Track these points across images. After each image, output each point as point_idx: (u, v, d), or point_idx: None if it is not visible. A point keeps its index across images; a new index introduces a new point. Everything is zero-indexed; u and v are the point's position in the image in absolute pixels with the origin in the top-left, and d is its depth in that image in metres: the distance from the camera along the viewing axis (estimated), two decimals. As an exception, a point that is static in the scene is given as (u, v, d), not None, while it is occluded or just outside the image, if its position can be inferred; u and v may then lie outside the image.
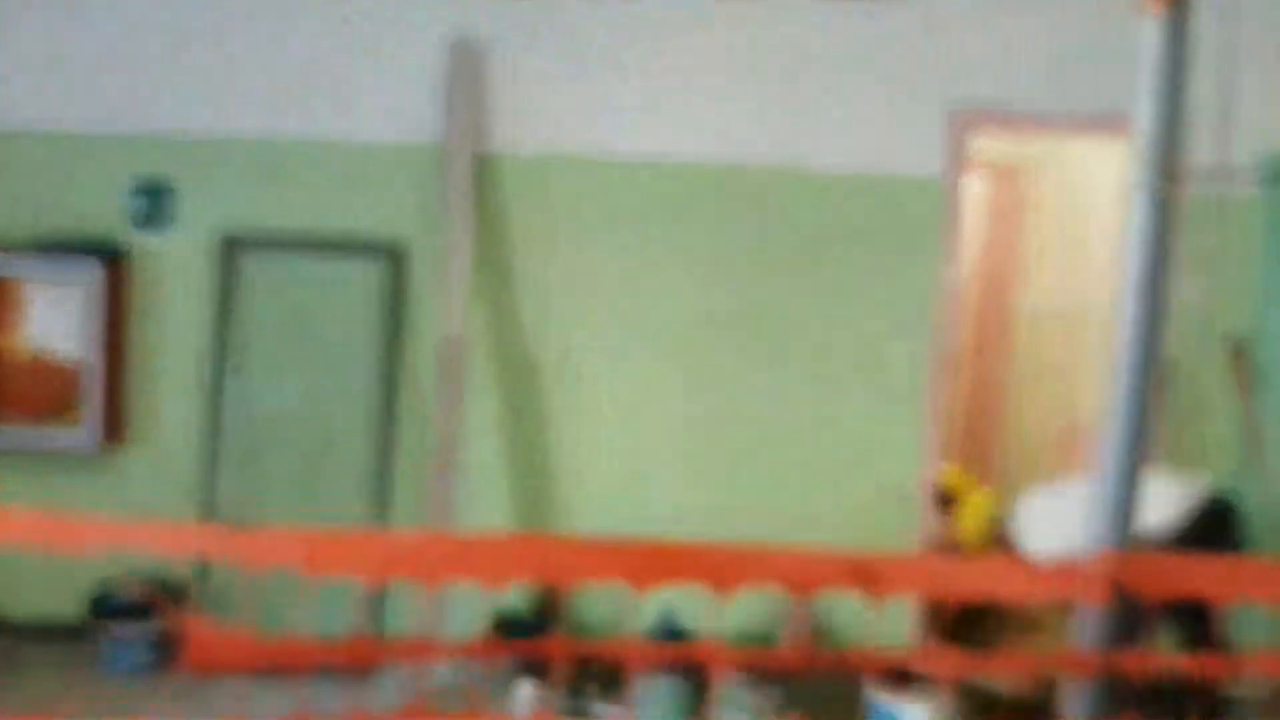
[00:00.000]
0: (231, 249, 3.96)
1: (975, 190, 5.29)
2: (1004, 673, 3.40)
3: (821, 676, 3.27)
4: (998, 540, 3.89)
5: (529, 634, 3.89)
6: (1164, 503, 3.20)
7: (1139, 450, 1.22)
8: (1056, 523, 3.43)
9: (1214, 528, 3.24)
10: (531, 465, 4.17)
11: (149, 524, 2.06)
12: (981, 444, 5.72)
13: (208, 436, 3.98)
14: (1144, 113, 1.14)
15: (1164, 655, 3.22)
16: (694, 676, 3.63)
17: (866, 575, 1.03)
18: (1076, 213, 5.24)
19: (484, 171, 4.01)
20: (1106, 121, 4.05)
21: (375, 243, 4.01)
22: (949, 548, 4.72)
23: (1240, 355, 4.05)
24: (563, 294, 4.11)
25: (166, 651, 3.81)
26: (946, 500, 4.56)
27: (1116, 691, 1.67)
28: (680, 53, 4.02)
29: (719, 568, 1.08)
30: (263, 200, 3.98)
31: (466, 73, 3.99)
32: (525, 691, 3.72)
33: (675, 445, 4.19)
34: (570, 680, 3.82)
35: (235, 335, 4.01)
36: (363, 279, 4.04)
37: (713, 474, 4.19)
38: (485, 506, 4.15)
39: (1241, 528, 3.36)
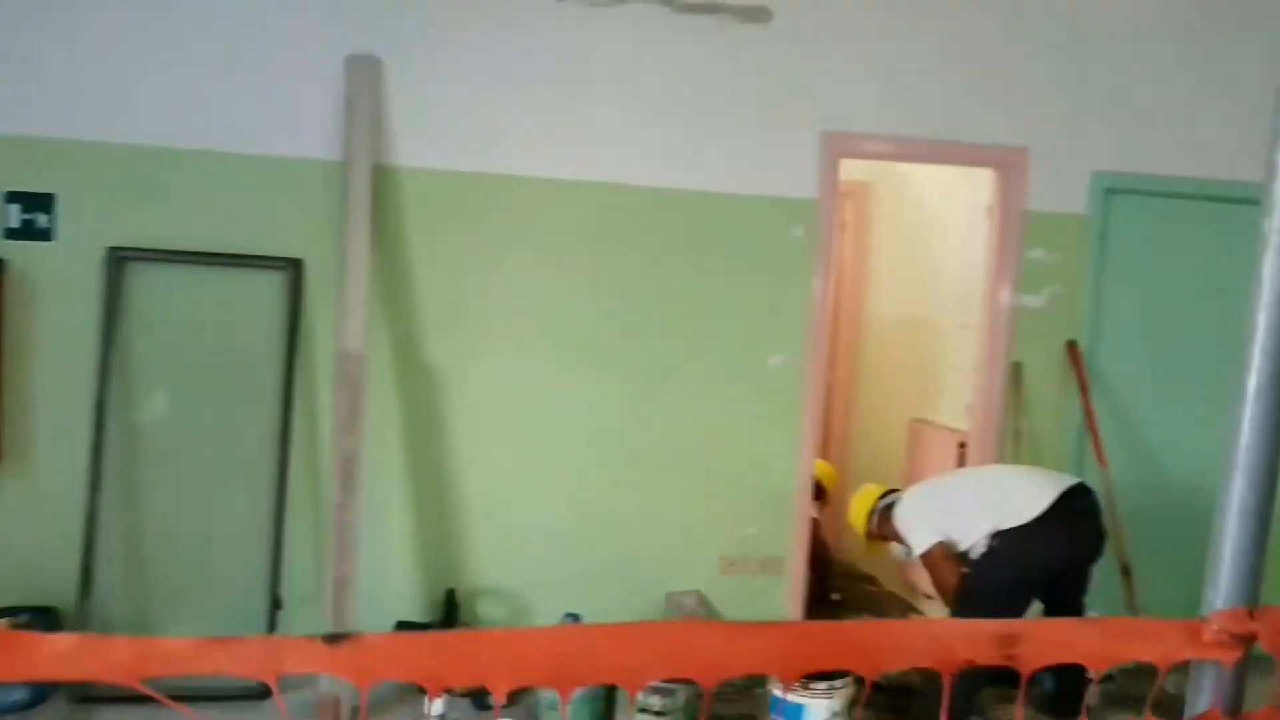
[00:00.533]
0: (119, 261, 3.79)
1: (851, 208, 5.67)
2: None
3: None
4: (871, 535, 4.20)
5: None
6: (1035, 495, 3.58)
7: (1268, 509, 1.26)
8: (935, 517, 3.78)
9: (1079, 513, 3.63)
10: (432, 475, 4.19)
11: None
12: (839, 439, 6.13)
13: (91, 458, 3.80)
14: None
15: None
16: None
17: (1010, 642, 1.07)
18: (917, 228, 5.69)
19: (383, 185, 4.01)
20: (954, 149, 4.49)
21: (272, 256, 3.94)
22: (822, 537, 5.05)
23: (1077, 356, 4.56)
24: (461, 307, 4.16)
25: (45, 688, 3.62)
26: (819, 492, 4.88)
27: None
28: (575, 75, 4.15)
29: (865, 646, 1.07)
30: (154, 212, 3.83)
31: (365, 86, 3.98)
32: (431, 699, 3.74)
33: (570, 452, 4.31)
34: (475, 688, 3.89)
35: (122, 352, 3.85)
36: (259, 293, 3.96)
37: (606, 479, 4.34)
38: (388, 518, 4.15)
39: (1101, 513, 3.77)
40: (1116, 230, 4.60)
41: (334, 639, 1.09)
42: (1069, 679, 3.82)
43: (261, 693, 3.53)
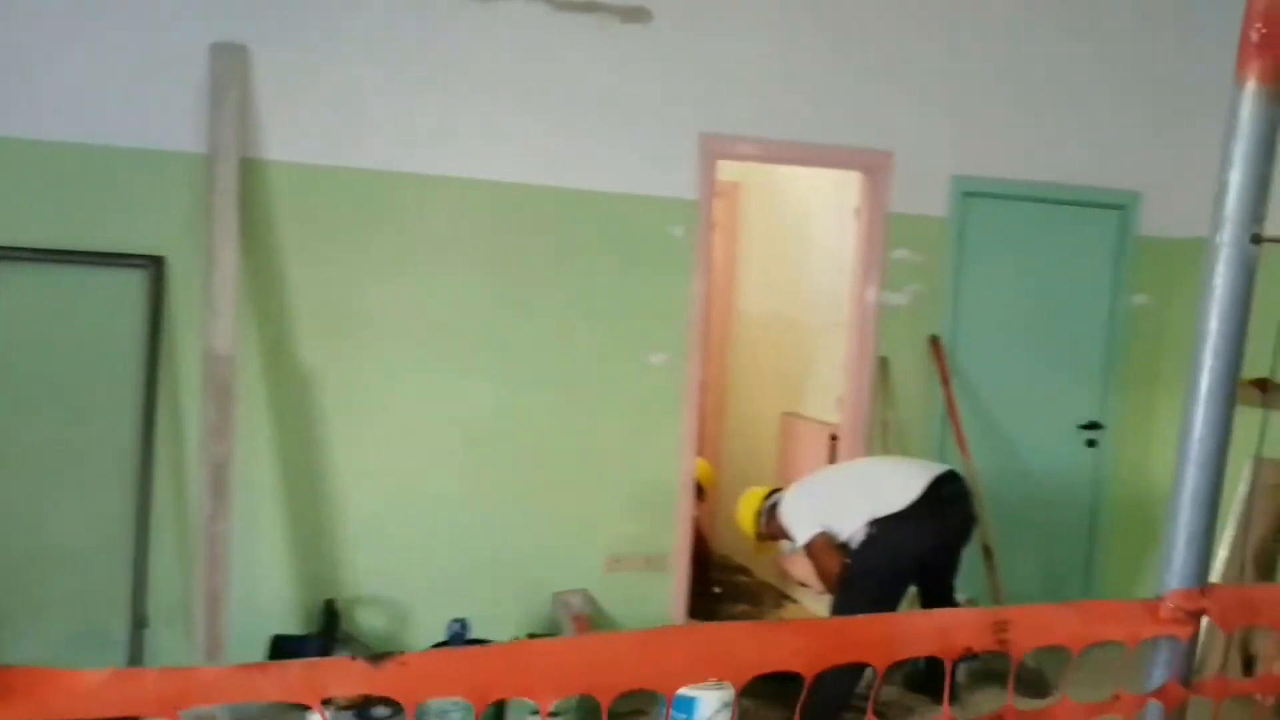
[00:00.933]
0: (-43, 260, 3.50)
1: (727, 207, 5.76)
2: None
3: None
4: (761, 535, 4.30)
5: (310, 654, 3.78)
6: (908, 483, 3.74)
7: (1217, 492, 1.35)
8: (816, 511, 3.90)
9: (949, 499, 3.81)
10: (307, 481, 4.04)
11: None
12: (712, 435, 6.24)
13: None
14: (1234, 178, 1.35)
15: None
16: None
17: (1002, 627, 1.15)
18: (787, 229, 5.86)
19: (252, 180, 3.84)
20: (825, 152, 4.64)
21: (132, 254, 3.71)
22: (702, 532, 5.13)
23: (939, 351, 4.78)
24: (336, 306, 4.03)
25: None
26: (699, 491, 4.96)
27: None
28: (453, 69, 4.07)
29: (882, 638, 1.12)
30: (2, 206, 3.55)
31: (231, 76, 3.80)
32: (311, 715, 3.62)
33: (451, 454, 4.23)
34: (359, 700, 3.78)
35: (-38, 357, 3.55)
36: (118, 293, 3.72)
37: (488, 480, 4.28)
38: (261, 528, 3.97)
39: (971, 498, 3.97)
40: (973, 231, 4.85)
41: (377, 659, 1.08)
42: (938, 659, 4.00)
43: None
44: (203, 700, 1.01)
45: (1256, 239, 1.45)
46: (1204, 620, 1.35)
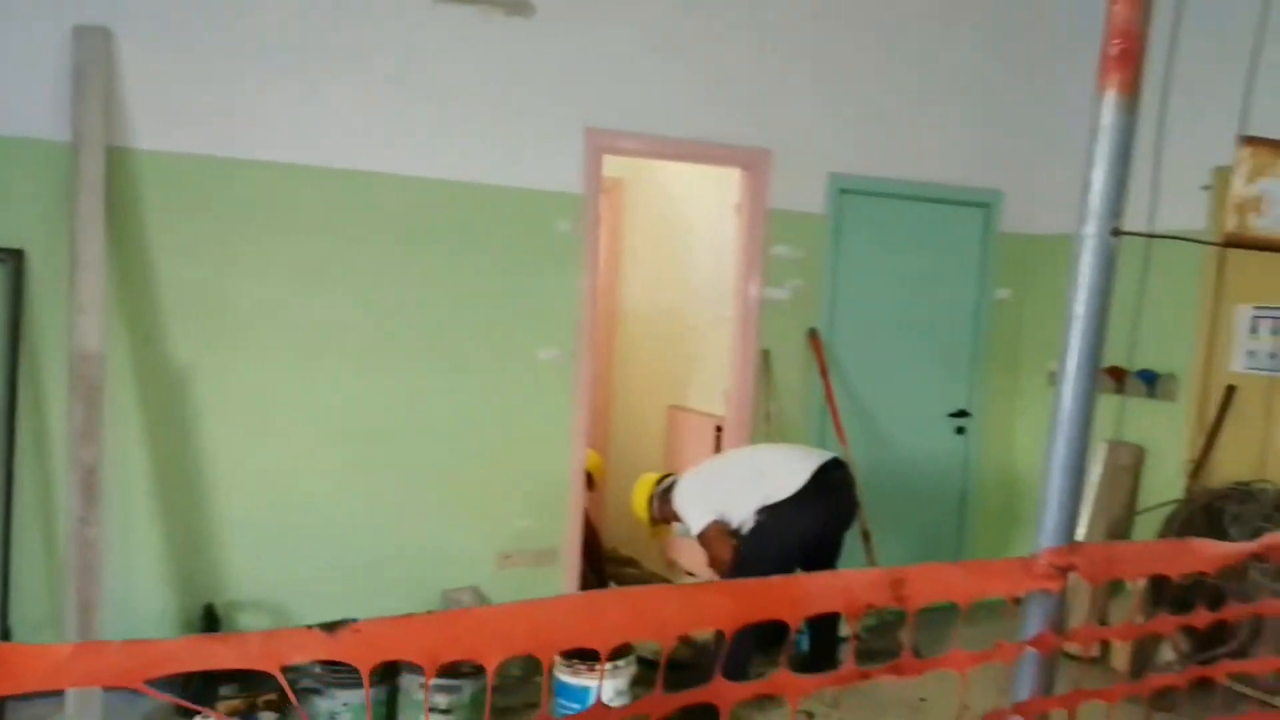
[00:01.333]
0: None
1: (613, 202, 5.79)
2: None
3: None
4: (654, 519, 4.38)
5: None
6: (795, 470, 3.87)
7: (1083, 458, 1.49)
8: (709, 499, 3.99)
9: (834, 485, 3.95)
10: (183, 483, 3.90)
11: None
12: (600, 427, 6.28)
13: None
14: (1097, 177, 1.48)
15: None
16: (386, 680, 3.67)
17: (899, 585, 1.24)
18: (670, 224, 5.94)
19: (118, 169, 3.68)
20: (707, 149, 4.74)
21: (-12, 246, 3.51)
22: (592, 525, 5.17)
23: (818, 343, 4.94)
24: (211, 301, 3.89)
25: None
26: (589, 481, 4.99)
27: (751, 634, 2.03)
28: (330, 57, 3.98)
29: (793, 597, 1.20)
30: None
31: (95, 60, 3.63)
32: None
33: (334, 451, 4.14)
34: (244, 705, 3.68)
35: None
36: (-27, 288, 3.52)
37: (374, 478, 4.20)
38: (134, 533, 3.81)
39: (854, 484, 4.13)
40: (849, 228, 5.03)
41: (331, 627, 1.10)
42: (821, 638, 4.17)
43: None
44: (164, 670, 1.05)
45: (1116, 232, 1.58)
46: (1071, 575, 1.48)
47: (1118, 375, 4.98)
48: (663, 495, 4.23)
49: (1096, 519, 4.69)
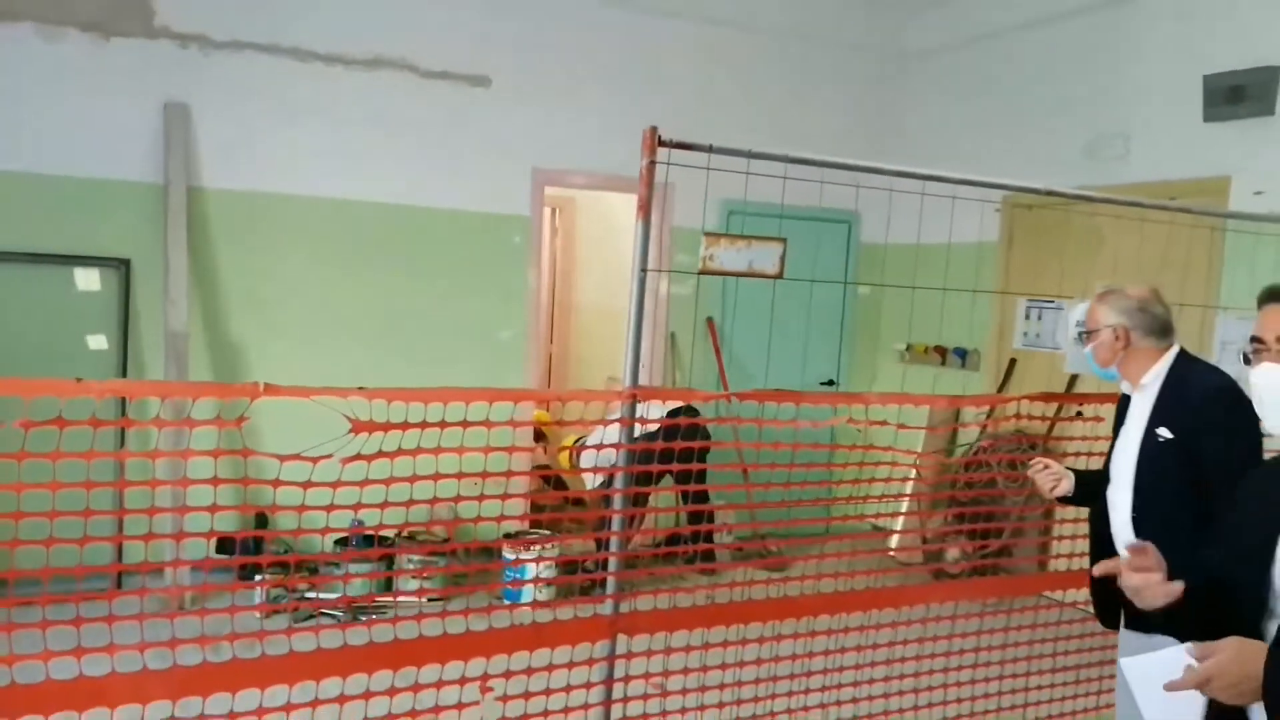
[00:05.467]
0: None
1: (548, 220, 7.36)
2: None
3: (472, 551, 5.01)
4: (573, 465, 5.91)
5: (245, 553, 5.17)
6: (654, 414, 5.39)
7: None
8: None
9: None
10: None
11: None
12: (557, 389, 7.84)
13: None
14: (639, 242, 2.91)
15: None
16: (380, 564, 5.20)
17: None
18: (608, 236, 7.49)
19: (194, 202, 5.22)
20: (626, 181, 6.26)
21: (108, 256, 5.05)
22: (542, 468, 6.70)
23: (713, 329, 6.48)
24: (260, 296, 5.43)
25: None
26: (539, 435, 6.53)
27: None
28: (345, 122, 5.53)
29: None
30: (6, 222, 4.86)
31: (178, 127, 5.17)
32: (253, 590, 5.03)
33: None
34: (281, 580, 5.20)
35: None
36: (98, 287, 5.06)
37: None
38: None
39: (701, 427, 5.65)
40: (738, 239, 6.57)
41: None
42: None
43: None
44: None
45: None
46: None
47: (941, 352, 6.56)
48: (578, 450, 5.76)
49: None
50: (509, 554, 5.06)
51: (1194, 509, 2.40)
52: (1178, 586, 1.72)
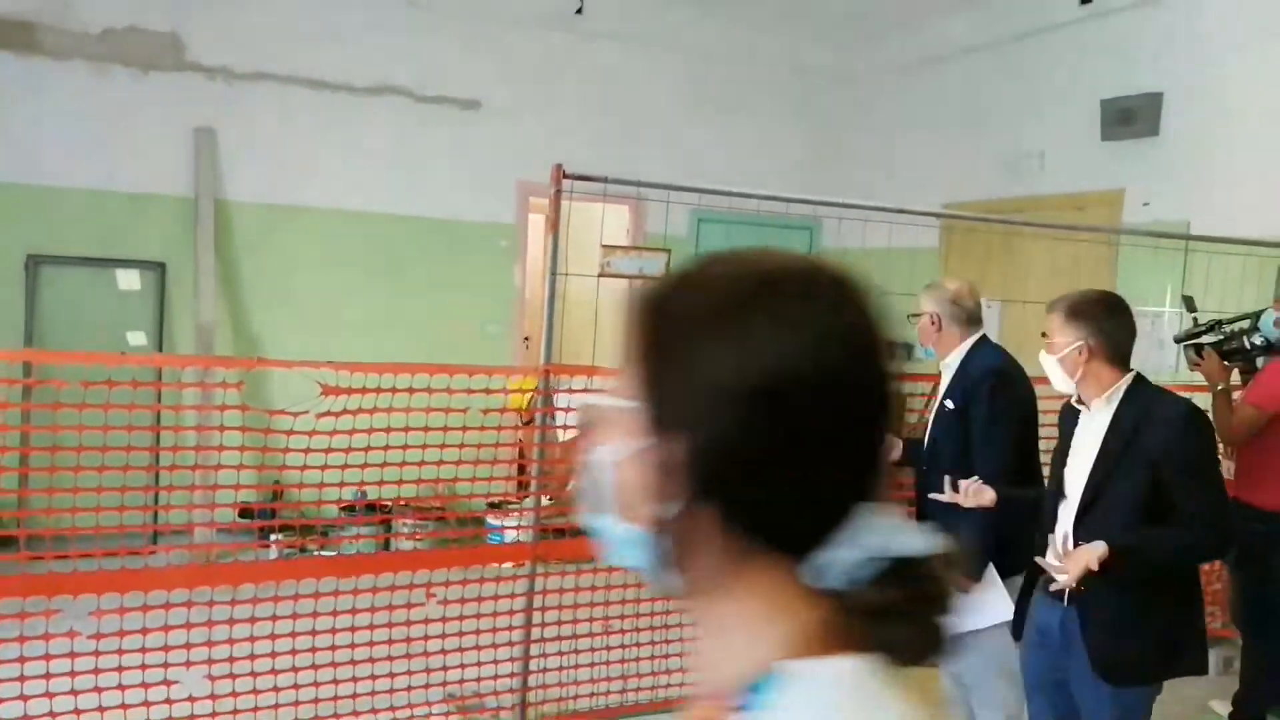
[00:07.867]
0: (35, 264, 5.61)
1: (536, 228, 8.17)
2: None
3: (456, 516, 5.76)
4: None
5: (264, 516, 5.96)
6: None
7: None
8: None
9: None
10: (258, 399, 6.23)
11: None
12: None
13: None
14: (549, 252, 3.68)
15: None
16: (381, 527, 5.98)
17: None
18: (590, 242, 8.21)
19: (221, 212, 6.02)
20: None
21: (147, 259, 5.87)
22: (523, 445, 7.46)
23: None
24: (278, 294, 6.23)
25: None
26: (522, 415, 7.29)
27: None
28: (352, 144, 6.31)
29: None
30: (60, 230, 5.68)
31: (206, 148, 5.98)
32: (270, 548, 5.81)
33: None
34: (295, 540, 5.98)
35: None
36: (138, 286, 5.88)
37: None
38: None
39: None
40: (706, 247, 7.31)
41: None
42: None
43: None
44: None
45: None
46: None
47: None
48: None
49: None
50: (493, 520, 5.82)
51: (971, 466, 3.11)
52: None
